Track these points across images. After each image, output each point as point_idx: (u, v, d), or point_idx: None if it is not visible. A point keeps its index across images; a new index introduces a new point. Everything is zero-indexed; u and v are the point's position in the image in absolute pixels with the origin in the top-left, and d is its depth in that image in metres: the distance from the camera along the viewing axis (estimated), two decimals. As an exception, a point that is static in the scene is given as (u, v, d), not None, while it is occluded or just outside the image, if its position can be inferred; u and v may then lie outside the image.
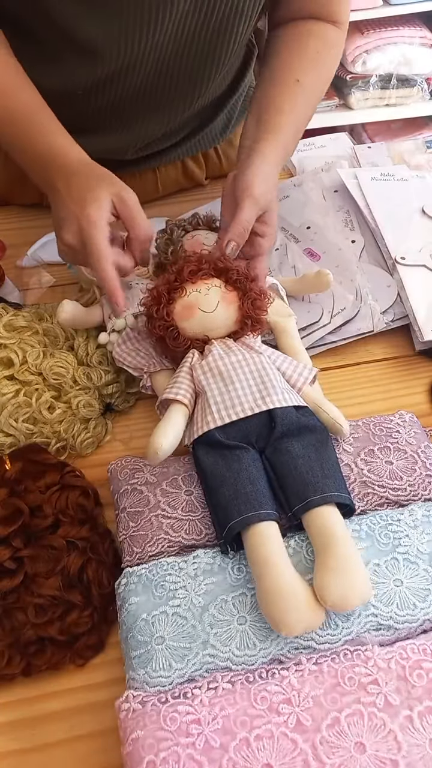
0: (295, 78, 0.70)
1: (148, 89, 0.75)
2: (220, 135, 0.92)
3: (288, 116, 0.68)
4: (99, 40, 0.67)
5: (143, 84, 0.74)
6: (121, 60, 0.70)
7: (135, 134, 0.81)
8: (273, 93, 0.70)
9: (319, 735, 0.39)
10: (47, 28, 0.67)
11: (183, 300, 0.58)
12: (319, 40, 0.73)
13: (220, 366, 0.55)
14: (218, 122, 0.90)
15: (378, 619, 0.45)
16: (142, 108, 0.77)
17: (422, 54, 1.93)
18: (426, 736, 0.39)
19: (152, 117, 0.79)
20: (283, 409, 0.53)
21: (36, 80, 0.67)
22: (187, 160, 0.93)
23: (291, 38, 0.73)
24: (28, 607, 0.47)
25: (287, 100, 0.69)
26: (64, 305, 0.62)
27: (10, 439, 0.58)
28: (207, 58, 0.73)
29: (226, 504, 0.49)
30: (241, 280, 0.58)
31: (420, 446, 0.55)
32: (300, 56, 0.72)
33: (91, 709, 0.46)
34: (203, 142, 0.91)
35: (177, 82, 0.75)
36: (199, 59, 0.73)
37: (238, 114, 0.93)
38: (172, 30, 0.68)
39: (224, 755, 0.39)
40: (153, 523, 0.51)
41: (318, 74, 0.73)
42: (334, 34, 0.75)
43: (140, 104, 0.77)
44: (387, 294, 0.71)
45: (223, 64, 0.75)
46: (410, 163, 0.90)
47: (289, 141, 0.69)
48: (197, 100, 0.79)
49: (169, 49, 0.70)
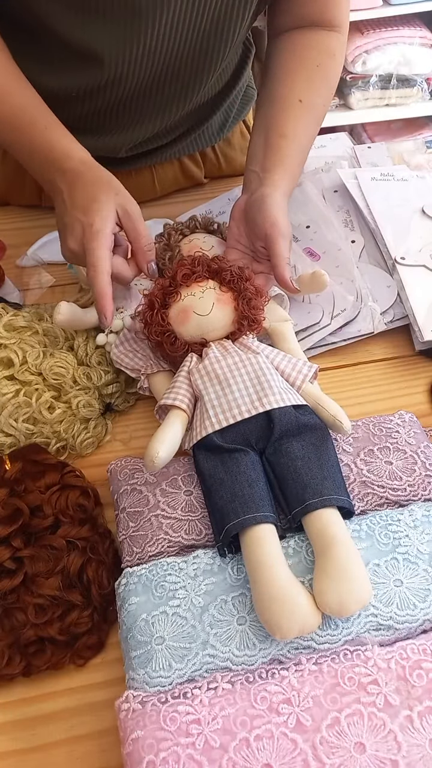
0: (298, 98, 0.70)
1: (144, 91, 0.75)
2: (218, 134, 0.92)
3: (294, 142, 0.69)
4: (97, 46, 0.68)
5: (139, 87, 0.74)
6: (119, 65, 0.70)
7: (129, 134, 0.81)
8: (277, 116, 0.70)
9: (318, 735, 0.39)
10: (44, 33, 0.67)
11: (178, 304, 0.58)
12: (320, 51, 0.73)
13: (217, 369, 0.55)
14: (215, 121, 0.90)
15: (378, 620, 0.45)
16: (137, 109, 0.78)
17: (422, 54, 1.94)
18: (426, 736, 0.39)
19: (147, 117, 0.79)
20: (282, 409, 0.52)
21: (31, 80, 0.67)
22: (185, 159, 0.93)
23: (291, 54, 0.73)
24: (28, 607, 0.47)
25: (292, 124, 0.69)
26: (61, 307, 0.62)
27: (10, 439, 0.58)
28: (202, 59, 0.73)
29: (224, 506, 0.49)
30: (235, 281, 0.58)
31: (420, 446, 0.55)
32: (301, 74, 0.72)
33: (90, 709, 0.46)
34: (200, 140, 0.91)
35: (172, 84, 0.75)
36: (194, 61, 0.73)
37: (235, 113, 0.93)
38: (166, 33, 0.68)
39: (224, 755, 0.39)
40: (153, 523, 0.51)
41: (320, 90, 0.72)
42: (335, 41, 0.74)
43: (135, 106, 0.77)
44: (387, 294, 0.71)
45: (218, 64, 0.75)
46: (410, 163, 0.90)
47: (296, 169, 0.71)
48: (193, 100, 0.79)
49: (164, 52, 0.70)
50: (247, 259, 0.67)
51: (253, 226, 0.65)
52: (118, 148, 0.82)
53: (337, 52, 0.74)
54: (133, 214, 0.61)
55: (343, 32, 0.75)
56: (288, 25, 0.75)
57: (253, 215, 0.65)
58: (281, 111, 0.70)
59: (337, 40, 0.75)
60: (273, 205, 0.64)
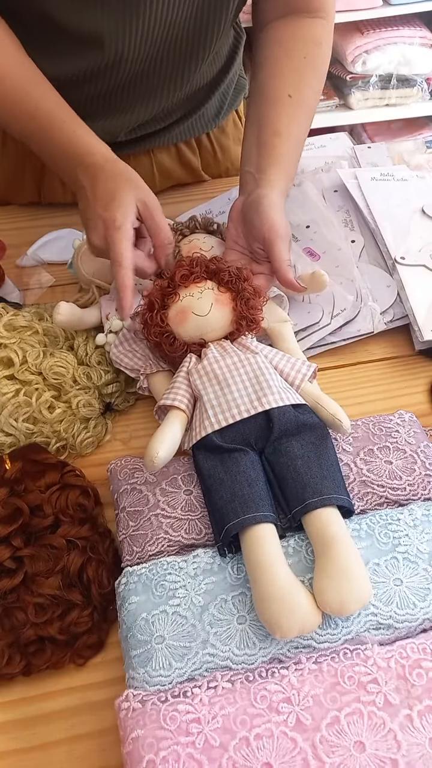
0: (287, 93, 0.70)
1: (142, 73, 0.76)
2: (213, 120, 0.93)
3: (287, 140, 0.69)
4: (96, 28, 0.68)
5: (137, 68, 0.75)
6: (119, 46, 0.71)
7: (126, 119, 0.82)
8: (269, 113, 0.70)
9: (318, 734, 0.39)
10: (42, 20, 0.68)
11: (177, 305, 0.58)
12: (306, 41, 0.73)
13: (216, 369, 0.55)
14: (210, 107, 0.91)
15: (378, 619, 0.45)
16: (136, 91, 0.78)
17: (422, 54, 1.94)
18: (425, 735, 0.39)
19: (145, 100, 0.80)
20: (281, 408, 0.53)
21: None
22: (182, 146, 0.93)
23: (277, 47, 0.73)
24: (28, 607, 0.47)
25: (284, 121, 0.69)
26: (60, 307, 0.62)
27: (10, 438, 0.58)
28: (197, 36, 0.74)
29: (223, 506, 0.49)
30: (233, 281, 0.58)
31: (419, 446, 0.55)
32: (289, 68, 0.72)
33: (90, 708, 0.46)
34: (196, 126, 0.92)
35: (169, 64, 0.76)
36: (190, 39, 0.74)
37: (228, 102, 0.94)
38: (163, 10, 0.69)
39: (224, 754, 0.39)
40: (153, 523, 0.51)
41: (309, 81, 0.72)
42: (321, 28, 0.74)
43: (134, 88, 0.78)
44: (387, 294, 0.71)
45: (212, 43, 0.76)
46: (410, 163, 0.90)
47: (291, 167, 0.70)
48: (186, 84, 0.80)
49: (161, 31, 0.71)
50: (245, 259, 0.67)
51: (250, 228, 0.65)
52: (117, 131, 0.83)
53: (323, 40, 0.74)
54: (153, 208, 0.62)
55: (328, 18, 0.74)
56: (273, 13, 0.74)
57: (251, 217, 0.65)
58: (272, 108, 0.70)
59: (323, 27, 0.74)
60: (270, 206, 0.64)
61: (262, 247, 0.64)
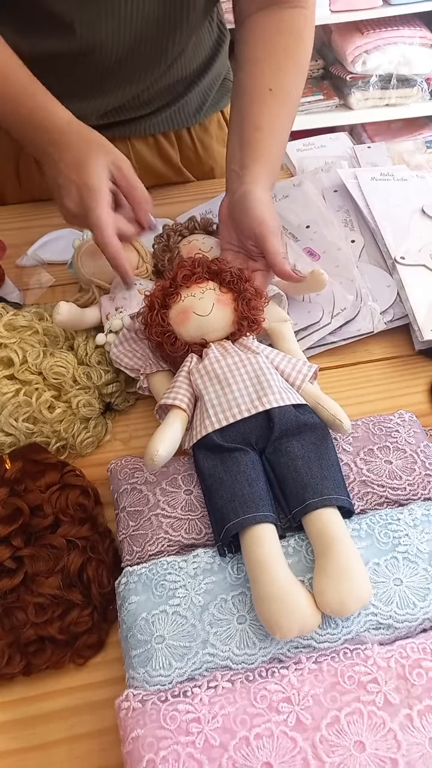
0: (268, 87, 0.69)
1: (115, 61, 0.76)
2: (193, 116, 0.93)
3: (269, 135, 0.68)
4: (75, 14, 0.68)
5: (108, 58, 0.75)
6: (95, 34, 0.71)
7: (97, 103, 0.82)
8: (250, 108, 0.69)
9: (318, 734, 0.39)
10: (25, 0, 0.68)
11: (178, 305, 0.58)
12: (286, 34, 0.71)
13: (217, 369, 0.55)
14: (190, 101, 0.90)
15: (378, 618, 0.45)
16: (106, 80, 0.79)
17: (422, 54, 1.94)
18: (425, 735, 0.39)
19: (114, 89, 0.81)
20: (281, 408, 0.53)
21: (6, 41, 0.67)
22: (160, 138, 0.93)
23: (257, 40, 0.72)
24: (28, 607, 0.47)
25: (266, 116, 0.69)
26: (60, 307, 0.62)
27: (10, 438, 0.58)
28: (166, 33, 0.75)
29: (223, 506, 0.49)
30: (235, 282, 0.58)
31: (419, 445, 0.55)
32: (269, 61, 0.70)
33: (90, 708, 0.46)
34: (176, 119, 0.92)
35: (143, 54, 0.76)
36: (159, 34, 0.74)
37: (212, 100, 0.94)
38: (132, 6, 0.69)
39: (224, 754, 0.39)
40: (153, 523, 0.51)
41: (289, 74, 0.71)
42: (302, 20, 0.72)
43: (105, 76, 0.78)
44: (387, 294, 0.71)
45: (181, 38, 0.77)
46: (410, 163, 0.90)
47: (275, 161, 0.70)
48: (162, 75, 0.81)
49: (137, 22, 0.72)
50: (241, 258, 0.66)
51: (240, 226, 0.65)
52: (87, 115, 0.82)
53: (304, 32, 0.73)
54: (126, 170, 0.62)
55: (308, 7, 0.73)
56: (252, 5, 0.73)
57: (239, 215, 0.65)
58: (252, 103, 0.69)
59: (303, 18, 0.72)
60: (255, 201, 0.63)
61: (254, 244, 0.64)
